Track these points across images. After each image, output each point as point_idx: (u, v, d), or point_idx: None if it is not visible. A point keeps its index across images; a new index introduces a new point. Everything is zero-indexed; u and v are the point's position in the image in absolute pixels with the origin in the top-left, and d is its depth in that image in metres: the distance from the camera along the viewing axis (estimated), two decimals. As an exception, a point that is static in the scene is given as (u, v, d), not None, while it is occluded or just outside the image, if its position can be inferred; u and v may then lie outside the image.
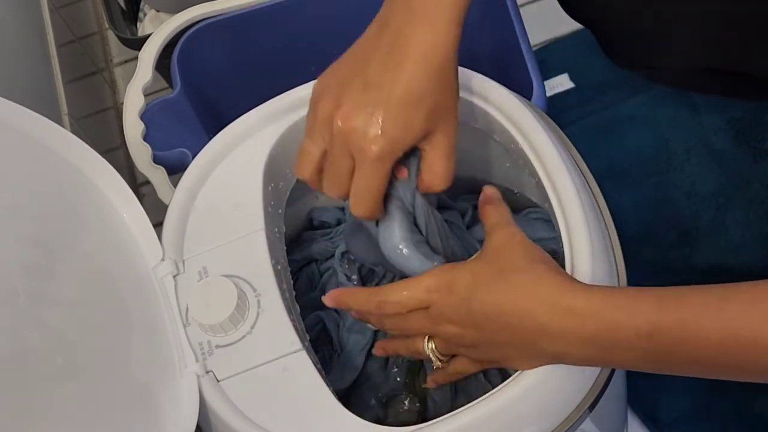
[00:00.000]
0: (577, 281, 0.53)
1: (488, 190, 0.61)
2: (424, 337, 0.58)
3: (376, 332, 0.72)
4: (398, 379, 0.72)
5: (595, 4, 0.76)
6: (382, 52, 0.55)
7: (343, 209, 0.81)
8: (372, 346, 0.72)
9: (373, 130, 0.53)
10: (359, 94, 0.55)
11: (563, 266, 0.56)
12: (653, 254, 0.95)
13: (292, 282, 0.66)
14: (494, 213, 0.58)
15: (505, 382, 0.54)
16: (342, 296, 0.59)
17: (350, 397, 0.71)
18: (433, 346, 0.57)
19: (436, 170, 0.57)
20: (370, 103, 0.54)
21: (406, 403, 0.71)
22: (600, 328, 0.49)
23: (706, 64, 0.75)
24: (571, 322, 0.49)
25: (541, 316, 0.50)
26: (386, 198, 0.58)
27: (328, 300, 0.59)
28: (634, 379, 0.88)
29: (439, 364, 0.58)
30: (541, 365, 0.53)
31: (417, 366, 0.71)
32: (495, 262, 0.54)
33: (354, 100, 0.55)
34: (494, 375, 0.69)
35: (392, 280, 0.75)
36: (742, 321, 0.45)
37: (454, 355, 0.59)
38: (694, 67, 0.77)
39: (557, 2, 0.83)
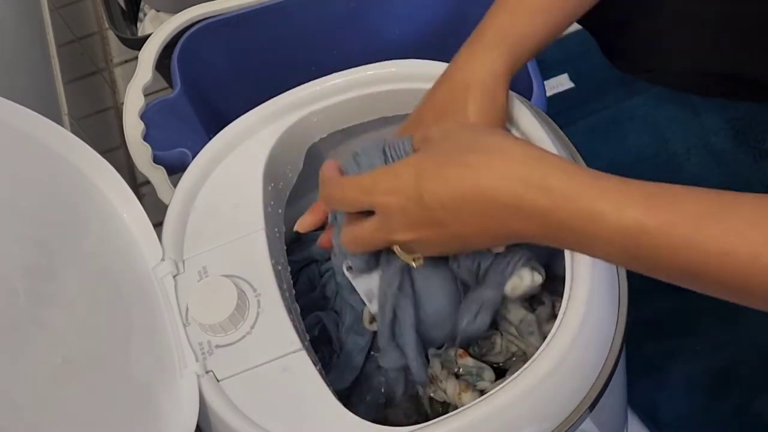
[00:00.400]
0: (548, 152, 0.47)
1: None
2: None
3: (374, 333, 0.71)
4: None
5: (595, 8, 0.76)
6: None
7: None
8: (372, 347, 0.72)
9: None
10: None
11: (562, 268, 0.56)
12: (653, 254, 0.95)
13: (292, 282, 0.66)
14: (426, 131, 0.53)
15: (506, 382, 0.54)
16: (324, 168, 0.56)
17: (350, 397, 0.71)
18: (399, 250, 0.54)
19: None
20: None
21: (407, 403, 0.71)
22: (579, 214, 0.43)
23: (706, 68, 0.75)
24: (546, 202, 0.44)
25: (507, 193, 0.44)
26: None
27: (322, 168, 0.57)
28: (634, 379, 0.88)
29: (413, 263, 0.55)
30: (507, 243, 0.50)
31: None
32: (440, 150, 0.48)
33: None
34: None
35: None
36: (740, 234, 0.40)
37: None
38: (695, 71, 0.77)
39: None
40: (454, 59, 0.60)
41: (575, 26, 1.15)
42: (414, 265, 0.56)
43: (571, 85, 1.10)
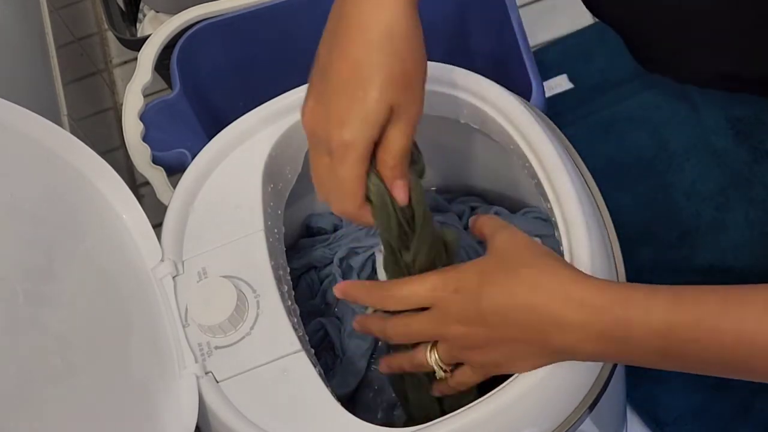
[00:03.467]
0: (588, 275, 0.52)
1: (475, 219, 0.59)
2: (427, 348, 0.57)
3: (377, 338, 0.72)
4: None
5: (627, 9, 0.76)
6: (329, 35, 0.54)
7: None
8: (374, 351, 0.72)
9: (334, 118, 0.52)
10: (318, 86, 0.54)
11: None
12: (653, 254, 0.95)
13: (291, 283, 0.66)
14: (489, 221, 0.57)
15: (505, 383, 0.54)
16: (348, 288, 0.58)
17: (355, 403, 0.71)
18: (437, 356, 0.56)
19: (388, 147, 0.53)
20: (325, 91, 0.53)
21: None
22: (613, 323, 0.48)
23: (737, 70, 0.75)
24: (585, 315, 0.49)
25: (553, 309, 0.49)
26: None
27: (337, 291, 0.58)
28: (634, 378, 0.88)
29: (443, 374, 0.57)
30: (549, 363, 0.53)
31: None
32: (502, 260, 0.53)
33: (314, 95, 0.54)
34: None
35: None
36: (758, 325, 0.45)
37: (457, 365, 0.57)
38: (725, 72, 0.77)
39: (559, 4, 0.83)
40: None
41: (575, 27, 1.16)
42: (442, 375, 0.57)
43: (570, 85, 1.10)
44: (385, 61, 0.51)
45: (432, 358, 0.56)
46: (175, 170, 0.78)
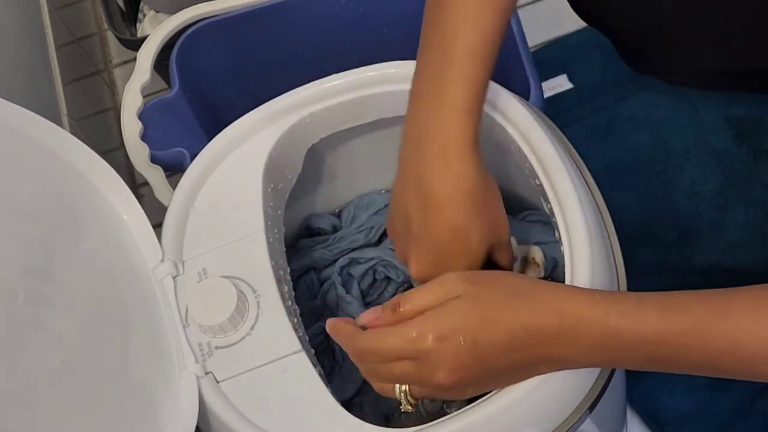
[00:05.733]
0: (577, 288, 0.52)
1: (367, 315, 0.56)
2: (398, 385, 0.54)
3: None
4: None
5: (615, 11, 0.76)
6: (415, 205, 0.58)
7: (338, 215, 0.81)
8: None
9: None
10: (419, 249, 0.59)
11: (563, 267, 0.57)
12: (653, 254, 0.95)
13: (291, 283, 0.66)
14: (425, 292, 0.54)
15: (505, 383, 0.54)
16: (333, 328, 0.57)
17: (351, 410, 0.71)
18: (407, 389, 0.54)
19: (502, 262, 0.61)
20: (429, 254, 0.58)
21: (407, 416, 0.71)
22: (606, 335, 0.49)
23: (731, 67, 0.75)
24: (579, 329, 0.50)
25: (549, 327, 0.50)
26: None
27: (327, 327, 0.57)
28: (634, 379, 0.88)
29: (410, 408, 0.55)
30: (539, 375, 0.53)
31: None
32: (479, 297, 0.52)
33: (417, 257, 0.60)
34: None
35: (394, 294, 0.74)
36: (744, 331, 0.47)
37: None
38: (715, 70, 0.77)
39: (559, 4, 0.83)
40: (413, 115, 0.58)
41: (574, 27, 1.16)
42: (408, 409, 0.55)
43: (570, 85, 1.10)
44: (477, 212, 0.57)
45: (400, 390, 0.54)
46: (173, 169, 0.78)
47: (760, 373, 0.48)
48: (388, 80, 0.67)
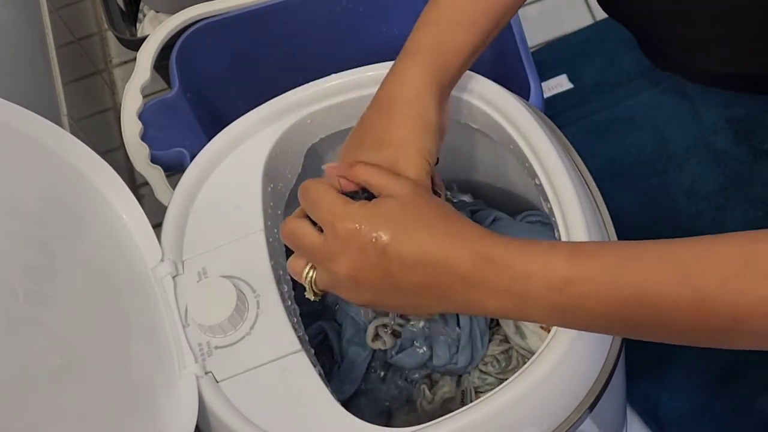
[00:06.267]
0: (493, 233, 0.52)
1: (331, 166, 0.58)
2: (307, 265, 0.55)
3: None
4: (398, 391, 0.72)
5: (643, 7, 0.76)
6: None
7: None
8: (372, 358, 0.72)
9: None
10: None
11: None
12: (653, 254, 0.95)
13: (291, 283, 0.66)
14: (375, 171, 0.55)
15: (505, 383, 0.54)
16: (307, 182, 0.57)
17: (350, 409, 0.71)
18: (312, 277, 0.55)
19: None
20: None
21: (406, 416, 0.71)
22: (514, 278, 0.48)
23: (751, 69, 0.75)
24: (490, 272, 0.49)
25: (462, 266, 0.49)
26: None
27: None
28: (634, 379, 0.88)
29: (312, 297, 0.56)
30: (444, 312, 0.54)
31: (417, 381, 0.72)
32: (412, 208, 0.52)
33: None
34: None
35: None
36: (647, 277, 0.45)
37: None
38: (734, 71, 0.77)
39: (559, 4, 0.83)
40: (384, 78, 0.61)
41: (574, 27, 1.16)
42: (312, 298, 0.56)
43: (570, 85, 1.10)
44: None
45: (308, 277, 0.55)
46: (173, 169, 0.78)
47: (666, 322, 0.45)
48: (387, 80, 0.67)
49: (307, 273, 0.55)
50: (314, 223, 0.54)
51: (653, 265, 0.45)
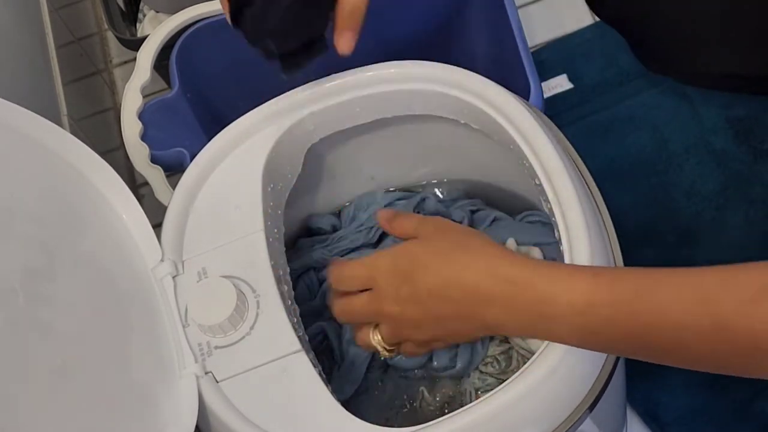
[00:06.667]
0: (514, 253, 0.55)
1: (383, 213, 0.64)
2: (371, 328, 0.60)
3: None
4: (398, 392, 0.72)
5: (632, 10, 0.76)
6: None
7: (338, 215, 0.81)
8: (372, 358, 0.72)
9: None
10: None
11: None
12: (653, 254, 0.95)
13: (291, 283, 0.66)
14: (407, 219, 0.61)
15: (505, 383, 0.54)
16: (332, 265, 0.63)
17: (351, 409, 0.71)
18: (379, 337, 0.60)
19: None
20: None
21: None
22: (536, 299, 0.50)
23: (741, 70, 0.76)
24: (510, 291, 0.51)
25: (483, 286, 0.52)
26: None
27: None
28: (634, 378, 0.88)
29: (386, 354, 0.61)
30: (485, 335, 0.56)
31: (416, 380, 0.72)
32: (431, 244, 0.57)
33: None
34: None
35: None
36: (670, 305, 0.46)
37: (399, 344, 0.61)
38: (729, 73, 0.77)
39: (559, 4, 0.83)
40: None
41: (574, 27, 1.16)
42: (386, 355, 0.62)
43: (570, 85, 1.10)
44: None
45: (375, 338, 0.60)
46: (173, 169, 0.78)
47: (687, 349, 0.47)
48: (388, 80, 0.67)
49: (374, 337, 0.60)
50: None
51: (673, 292, 0.47)
